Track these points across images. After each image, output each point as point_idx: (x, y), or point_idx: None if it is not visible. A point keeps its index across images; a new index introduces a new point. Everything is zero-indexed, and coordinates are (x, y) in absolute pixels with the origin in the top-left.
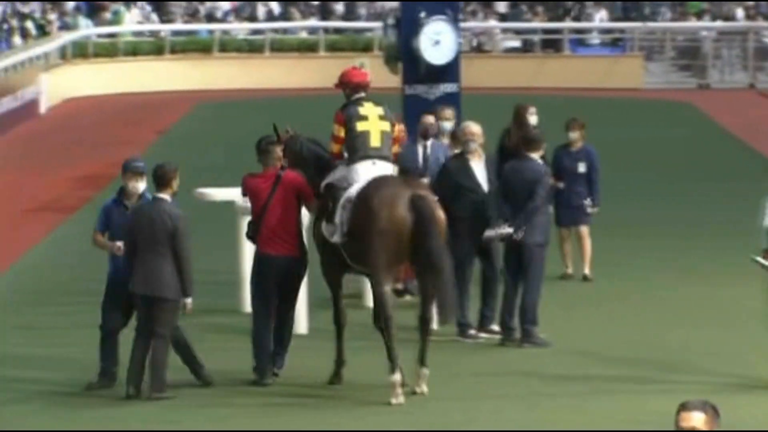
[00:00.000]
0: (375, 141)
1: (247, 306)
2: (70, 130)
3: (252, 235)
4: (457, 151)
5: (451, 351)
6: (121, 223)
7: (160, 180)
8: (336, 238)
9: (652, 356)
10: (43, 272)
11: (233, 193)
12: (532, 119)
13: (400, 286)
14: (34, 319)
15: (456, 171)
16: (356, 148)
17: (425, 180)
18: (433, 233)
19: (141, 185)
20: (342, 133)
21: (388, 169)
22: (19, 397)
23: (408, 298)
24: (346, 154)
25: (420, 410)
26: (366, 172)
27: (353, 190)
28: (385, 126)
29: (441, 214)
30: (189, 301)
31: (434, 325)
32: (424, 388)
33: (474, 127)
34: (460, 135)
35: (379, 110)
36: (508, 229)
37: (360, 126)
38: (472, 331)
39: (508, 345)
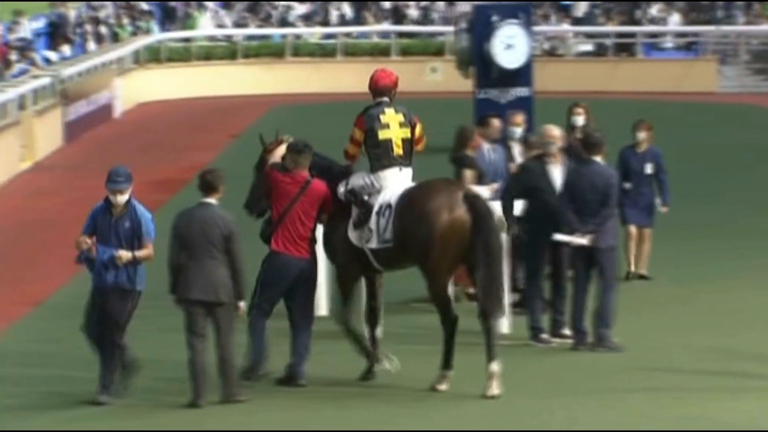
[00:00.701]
0: (397, 149)
1: (321, 309)
2: (144, 134)
3: (267, 235)
4: (532, 154)
5: (523, 354)
6: (104, 229)
7: (208, 186)
8: (373, 244)
9: (723, 358)
10: None
11: None
12: (579, 120)
13: (472, 290)
14: None
15: (534, 173)
16: (379, 156)
17: (496, 184)
18: (491, 228)
19: (122, 198)
20: (361, 137)
21: (410, 175)
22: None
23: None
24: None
25: (491, 412)
26: (393, 178)
27: (389, 196)
28: (406, 133)
29: (494, 210)
30: (242, 304)
31: (505, 328)
32: (495, 391)
33: (555, 131)
34: (539, 138)
35: (400, 117)
36: (580, 240)
37: (382, 134)
38: (545, 336)
39: (580, 349)
